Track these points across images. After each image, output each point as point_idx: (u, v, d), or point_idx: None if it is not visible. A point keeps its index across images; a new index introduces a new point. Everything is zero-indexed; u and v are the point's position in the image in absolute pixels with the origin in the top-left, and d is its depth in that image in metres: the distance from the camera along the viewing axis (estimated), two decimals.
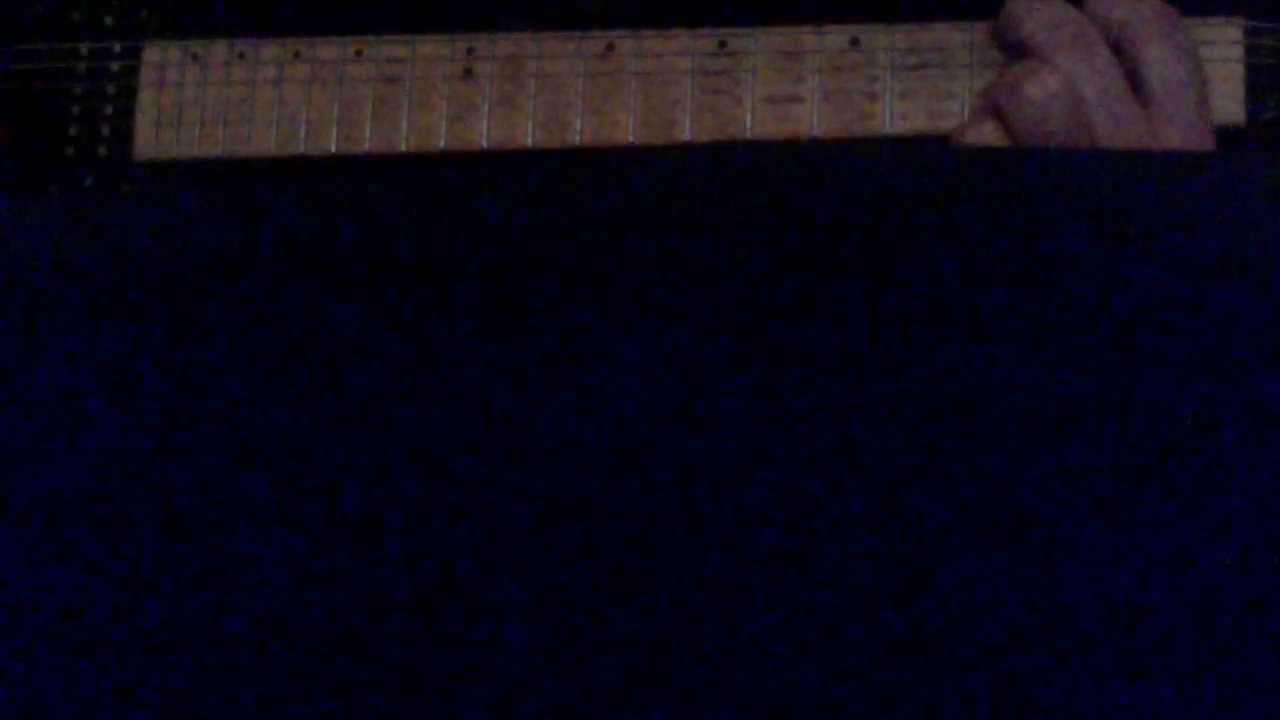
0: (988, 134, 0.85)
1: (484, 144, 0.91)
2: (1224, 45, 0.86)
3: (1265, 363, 0.53)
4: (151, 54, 0.95)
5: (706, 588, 0.54)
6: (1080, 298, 0.54)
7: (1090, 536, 0.53)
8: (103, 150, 0.95)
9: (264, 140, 0.92)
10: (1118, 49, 0.84)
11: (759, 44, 0.89)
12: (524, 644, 0.54)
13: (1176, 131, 0.84)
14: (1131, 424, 0.53)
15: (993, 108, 0.86)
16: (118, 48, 0.95)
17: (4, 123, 0.95)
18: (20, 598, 0.56)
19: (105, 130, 0.95)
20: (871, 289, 0.54)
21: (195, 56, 0.94)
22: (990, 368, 0.54)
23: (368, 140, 0.92)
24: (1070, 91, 0.83)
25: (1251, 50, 0.86)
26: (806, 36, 0.89)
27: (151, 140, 0.94)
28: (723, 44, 0.90)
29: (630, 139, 0.89)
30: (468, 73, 0.91)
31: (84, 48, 0.96)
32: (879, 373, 0.54)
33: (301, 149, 0.92)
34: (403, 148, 0.91)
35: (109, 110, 0.95)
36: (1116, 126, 0.83)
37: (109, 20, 0.96)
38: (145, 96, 0.94)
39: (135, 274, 0.58)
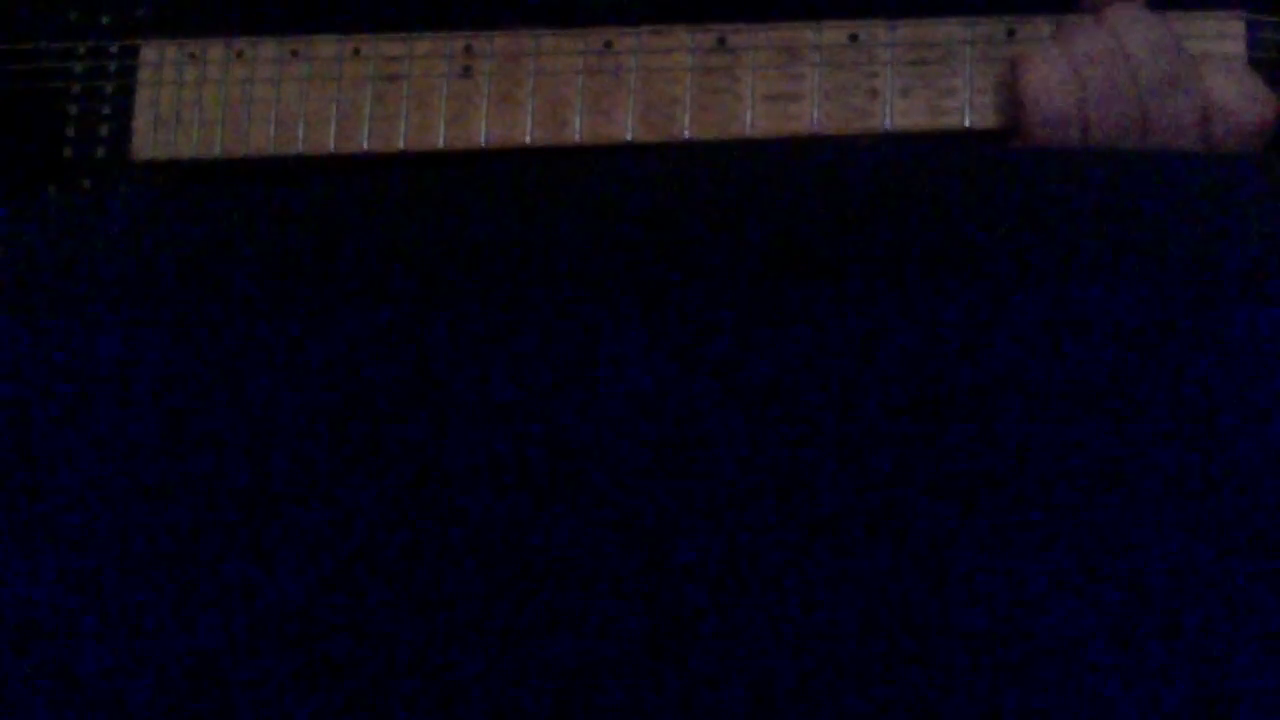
0: (1054, 59, 0.84)
1: (483, 142, 0.90)
2: (1226, 39, 0.86)
3: (1265, 362, 0.53)
4: (149, 54, 0.94)
5: (709, 587, 0.54)
6: (1079, 298, 0.54)
7: (1092, 535, 0.53)
8: (101, 150, 0.95)
9: (262, 139, 0.92)
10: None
11: (758, 41, 0.89)
12: (526, 643, 0.54)
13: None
14: (1132, 423, 0.53)
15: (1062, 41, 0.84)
16: (115, 47, 0.95)
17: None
18: (17, 598, 0.56)
19: (103, 130, 0.95)
20: (872, 288, 0.54)
21: (193, 56, 0.94)
22: (990, 366, 0.54)
23: (366, 139, 0.91)
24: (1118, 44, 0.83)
25: (1253, 44, 0.86)
26: (806, 33, 0.89)
27: (149, 140, 0.94)
28: (722, 41, 0.90)
29: (629, 137, 0.89)
30: (466, 71, 0.91)
31: (81, 47, 0.96)
32: (880, 372, 0.54)
33: (300, 148, 0.92)
34: (401, 146, 0.91)
35: (107, 110, 0.95)
36: (1166, 84, 0.83)
37: (106, 20, 0.96)
38: (143, 96, 0.94)
39: (134, 274, 0.58)
